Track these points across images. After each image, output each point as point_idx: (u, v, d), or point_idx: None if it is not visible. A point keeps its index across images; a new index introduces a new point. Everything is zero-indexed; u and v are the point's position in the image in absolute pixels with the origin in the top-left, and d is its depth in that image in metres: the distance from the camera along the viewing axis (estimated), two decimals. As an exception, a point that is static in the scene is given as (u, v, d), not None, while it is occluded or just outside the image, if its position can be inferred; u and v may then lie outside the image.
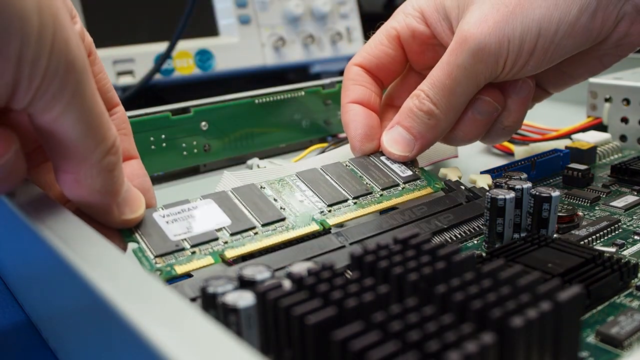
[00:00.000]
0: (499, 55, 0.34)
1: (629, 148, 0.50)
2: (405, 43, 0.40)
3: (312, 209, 0.33)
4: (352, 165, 0.37)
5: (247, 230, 0.30)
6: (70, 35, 0.22)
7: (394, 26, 0.40)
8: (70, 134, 0.23)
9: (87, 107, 0.23)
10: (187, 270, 0.27)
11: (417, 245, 0.23)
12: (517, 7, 0.34)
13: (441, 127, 0.37)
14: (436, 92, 0.36)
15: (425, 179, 0.37)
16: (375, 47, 0.40)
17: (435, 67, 0.36)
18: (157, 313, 0.17)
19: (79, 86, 0.23)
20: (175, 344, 0.15)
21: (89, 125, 0.24)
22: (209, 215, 0.30)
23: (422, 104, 0.37)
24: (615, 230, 0.34)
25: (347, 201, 0.34)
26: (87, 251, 0.21)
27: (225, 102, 0.51)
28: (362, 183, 0.36)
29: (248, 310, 0.21)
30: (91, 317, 0.21)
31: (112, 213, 0.27)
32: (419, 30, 0.39)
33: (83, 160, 0.24)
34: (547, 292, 0.19)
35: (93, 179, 0.25)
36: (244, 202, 0.32)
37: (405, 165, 0.38)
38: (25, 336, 0.30)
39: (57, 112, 0.23)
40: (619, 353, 0.24)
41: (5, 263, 0.34)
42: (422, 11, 0.39)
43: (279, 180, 0.35)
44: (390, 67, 0.41)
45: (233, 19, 0.72)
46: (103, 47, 0.64)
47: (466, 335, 0.17)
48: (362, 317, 0.18)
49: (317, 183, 0.35)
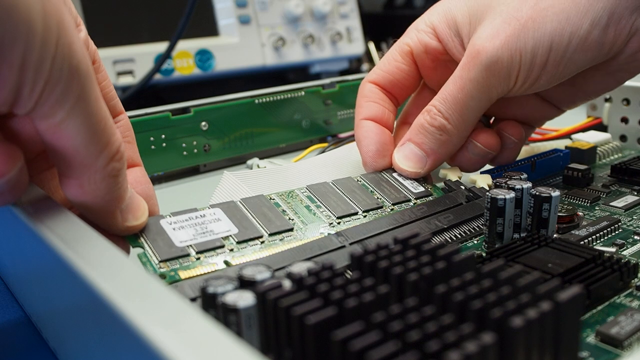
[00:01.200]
0: (511, 68, 0.34)
1: (629, 148, 0.50)
2: (418, 59, 0.40)
3: (321, 220, 0.33)
4: (364, 180, 0.37)
5: (254, 239, 0.30)
6: (74, 40, 0.22)
7: (407, 42, 0.40)
8: (74, 140, 0.23)
9: (91, 113, 0.23)
10: (191, 275, 0.27)
11: (417, 245, 0.23)
12: (528, 21, 0.34)
13: (453, 142, 0.37)
14: (448, 107, 0.36)
15: (437, 195, 0.37)
16: (389, 63, 0.40)
17: (447, 82, 0.36)
18: (157, 313, 0.17)
19: (83, 91, 0.23)
20: (175, 344, 0.15)
21: (92, 130, 0.23)
22: (217, 224, 0.30)
23: (433, 119, 0.36)
24: (615, 230, 0.34)
25: (357, 214, 0.34)
26: (87, 251, 0.21)
27: (225, 102, 0.52)
28: (372, 197, 0.35)
29: (248, 310, 0.21)
30: (91, 317, 0.21)
31: (115, 219, 0.27)
32: (431, 46, 0.39)
33: (87, 166, 0.24)
34: (547, 292, 0.19)
35: (97, 185, 0.25)
36: (252, 211, 0.32)
37: (418, 181, 0.38)
38: (26, 336, 0.30)
39: (61, 117, 0.22)
40: (619, 353, 0.24)
41: (5, 263, 0.34)
42: (434, 27, 0.39)
43: (288, 192, 0.34)
44: (404, 83, 0.41)
45: (233, 19, 0.72)
46: (103, 47, 0.64)
47: (466, 335, 0.17)
48: (362, 317, 0.18)
49: (327, 196, 0.34)
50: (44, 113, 0.22)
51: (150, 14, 0.69)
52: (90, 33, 0.30)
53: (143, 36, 0.68)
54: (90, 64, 0.23)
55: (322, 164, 0.43)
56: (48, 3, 0.21)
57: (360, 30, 0.81)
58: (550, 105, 0.41)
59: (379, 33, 0.90)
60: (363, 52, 0.82)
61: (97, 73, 0.29)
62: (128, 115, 0.32)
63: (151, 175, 0.48)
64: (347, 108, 0.59)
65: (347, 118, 0.59)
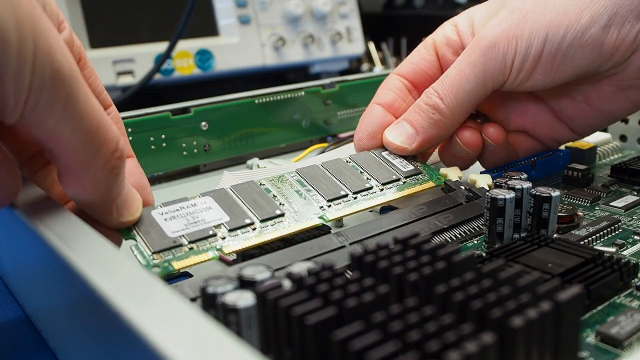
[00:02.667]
0: (506, 54, 0.35)
1: (629, 148, 0.50)
2: (439, 51, 0.41)
3: (312, 204, 0.33)
4: (353, 161, 0.37)
5: (246, 226, 0.30)
6: (52, 43, 0.22)
7: (433, 37, 0.42)
8: (69, 142, 0.23)
9: (82, 113, 0.23)
10: (185, 265, 0.27)
11: (417, 245, 0.23)
12: (529, 12, 0.35)
13: (444, 124, 0.37)
14: (444, 88, 0.37)
15: (427, 173, 0.37)
16: (414, 55, 0.42)
17: (449, 67, 0.38)
18: (157, 313, 0.17)
19: (70, 94, 0.22)
20: (174, 344, 0.15)
21: (86, 131, 0.23)
22: (208, 212, 0.30)
23: (429, 98, 0.37)
24: (615, 230, 0.34)
25: (347, 196, 0.34)
26: (86, 251, 0.21)
27: (225, 102, 0.51)
28: (362, 178, 0.36)
29: (248, 311, 0.21)
30: (91, 317, 0.21)
31: (110, 214, 0.27)
32: (451, 39, 0.41)
33: (85, 165, 0.24)
34: (547, 292, 0.19)
35: (97, 183, 0.25)
36: (243, 198, 0.32)
37: (407, 160, 0.38)
38: (25, 336, 0.30)
39: (52, 123, 0.22)
40: (619, 353, 0.24)
41: (5, 263, 0.34)
42: (457, 24, 0.41)
43: (278, 177, 0.35)
44: (427, 72, 0.41)
45: (233, 19, 0.72)
46: (103, 47, 0.64)
47: (466, 335, 0.17)
48: (362, 317, 0.18)
49: (317, 179, 0.35)
50: (33, 121, 0.22)
51: (150, 14, 0.69)
52: (90, 33, 0.30)
53: (143, 36, 0.68)
54: (74, 64, 0.23)
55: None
56: (20, 10, 0.21)
57: (360, 30, 0.81)
58: (563, 125, 0.41)
59: (379, 33, 0.90)
60: (363, 52, 0.82)
61: (83, 70, 0.29)
62: (128, 115, 0.33)
63: (151, 176, 0.48)
64: (347, 108, 0.59)
65: (347, 118, 0.59)
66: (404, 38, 0.86)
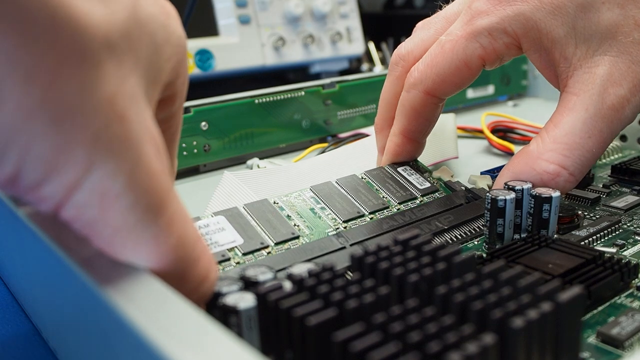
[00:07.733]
0: (634, 110, 0.32)
1: (629, 148, 0.50)
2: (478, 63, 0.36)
3: (327, 225, 0.32)
4: (368, 177, 0.37)
5: (260, 249, 0.30)
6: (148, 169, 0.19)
7: (478, 53, 0.36)
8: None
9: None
10: None
11: (417, 247, 0.23)
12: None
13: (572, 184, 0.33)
14: (575, 166, 0.32)
15: (443, 191, 0.37)
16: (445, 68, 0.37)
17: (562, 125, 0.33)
18: (157, 313, 0.17)
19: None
20: (175, 345, 0.15)
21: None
22: (221, 234, 0.30)
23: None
24: (615, 230, 0.34)
25: (364, 216, 0.34)
26: (91, 258, 0.21)
27: (225, 102, 0.51)
28: (378, 197, 0.35)
29: (249, 312, 0.21)
30: (90, 317, 0.21)
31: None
32: (503, 56, 0.36)
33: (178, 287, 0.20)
34: (547, 292, 0.19)
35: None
36: (257, 219, 0.31)
37: (423, 177, 0.38)
38: (32, 346, 0.29)
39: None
40: (620, 354, 0.24)
41: (11, 272, 0.34)
42: (516, 35, 0.34)
43: (292, 194, 0.34)
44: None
45: (233, 19, 0.72)
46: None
47: (467, 336, 0.17)
48: (363, 318, 0.18)
49: (332, 197, 0.34)
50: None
51: (150, 14, 0.69)
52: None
53: (143, 36, 0.68)
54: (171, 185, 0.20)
55: (324, 163, 0.43)
56: None
57: (360, 30, 0.81)
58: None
59: (379, 33, 0.90)
60: (363, 52, 0.82)
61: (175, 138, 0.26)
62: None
63: (151, 176, 0.48)
64: (347, 108, 0.59)
65: (347, 118, 0.59)
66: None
